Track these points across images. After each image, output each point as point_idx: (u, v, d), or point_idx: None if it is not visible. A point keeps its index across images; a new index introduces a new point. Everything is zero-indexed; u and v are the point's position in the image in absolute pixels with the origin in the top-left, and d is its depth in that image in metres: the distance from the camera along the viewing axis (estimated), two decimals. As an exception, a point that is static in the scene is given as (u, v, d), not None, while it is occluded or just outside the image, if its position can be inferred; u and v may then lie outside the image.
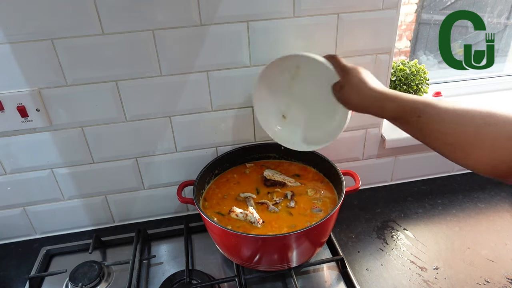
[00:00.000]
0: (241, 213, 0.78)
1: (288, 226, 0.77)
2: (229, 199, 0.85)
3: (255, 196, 0.85)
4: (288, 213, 0.80)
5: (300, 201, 0.83)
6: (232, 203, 0.84)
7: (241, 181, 0.91)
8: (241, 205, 0.82)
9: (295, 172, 0.93)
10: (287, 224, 0.77)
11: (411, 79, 0.99)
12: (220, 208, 0.83)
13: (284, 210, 0.81)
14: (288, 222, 0.78)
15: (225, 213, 0.80)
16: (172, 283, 0.81)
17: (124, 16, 0.74)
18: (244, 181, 0.91)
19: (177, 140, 0.92)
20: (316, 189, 0.86)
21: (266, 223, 0.77)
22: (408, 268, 0.84)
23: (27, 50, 0.74)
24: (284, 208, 0.81)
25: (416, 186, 1.11)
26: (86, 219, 1.00)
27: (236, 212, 0.78)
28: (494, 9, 1.18)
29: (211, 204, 0.85)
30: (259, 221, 0.77)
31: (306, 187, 0.87)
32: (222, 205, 0.84)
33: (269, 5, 0.78)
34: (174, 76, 0.83)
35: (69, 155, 0.88)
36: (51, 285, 0.85)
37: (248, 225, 0.77)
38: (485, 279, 0.80)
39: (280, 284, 0.81)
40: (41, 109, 0.80)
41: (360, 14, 0.83)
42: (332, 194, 0.85)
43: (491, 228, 0.93)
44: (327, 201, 0.83)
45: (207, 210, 0.83)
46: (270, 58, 0.74)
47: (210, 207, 0.84)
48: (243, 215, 0.78)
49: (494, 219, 0.96)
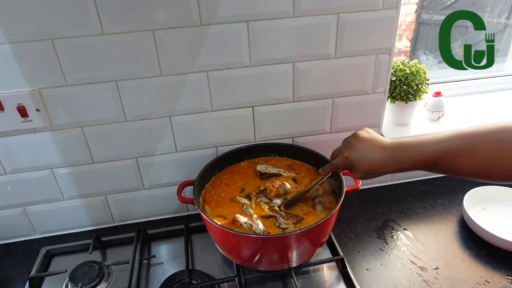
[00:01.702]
0: (246, 222, 0.75)
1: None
2: (225, 200, 0.84)
3: (249, 202, 0.82)
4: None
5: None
6: (229, 204, 0.83)
7: (231, 182, 0.90)
8: (238, 207, 0.81)
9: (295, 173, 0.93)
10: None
11: (411, 79, 0.99)
12: (221, 211, 0.81)
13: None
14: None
15: (228, 216, 0.79)
16: (172, 283, 0.81)
17: (124, 16, 0.74)
18: (235, 181, 0.90)
19: (177, 140, 0.92)
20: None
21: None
22: (408, 268, 0.84)
23: (27, 50, 0.74)
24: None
25: (416, 186, 1.11)
26: (86, 219, 1.00)
27: (241, 222, 0.75)
28: (494, 9, 1.18)
29: (210, 207, 0.84)
30: (264, 233, 0.74)
31: (302, 177, 0.88)
32: (223, 208, 0.82)
33: (269, 5, 0.78)
34: (174, 76, 0.83)
35: (69, 155, 0.88)
36: (51, 285, 0.85)
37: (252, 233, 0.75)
38: (485, 279, 0.80)
39: (280, 284, 0.81)
40: (41, 109, 0.80)
41: (360, 14, 0.83)
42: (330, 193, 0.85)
43: (491, 228, 0.93)
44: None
45: (208, 213, 0.81)
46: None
47: (210, 210, 0.83)
48: (248, 225, 0.75)
49: (494, 219, 0.96)
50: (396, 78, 1.00)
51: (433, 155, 0.58)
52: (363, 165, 0.65)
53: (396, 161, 0.62)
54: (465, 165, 0.56)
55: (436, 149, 0.58)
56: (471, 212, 0.92)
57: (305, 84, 0.90)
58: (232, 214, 0.79)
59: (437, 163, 0.58)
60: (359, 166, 0.65)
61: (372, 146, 0.64)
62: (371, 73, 0.91)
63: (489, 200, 0.98)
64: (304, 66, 0.87)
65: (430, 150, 0.58)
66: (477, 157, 0.55)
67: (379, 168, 0.63)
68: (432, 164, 0.59)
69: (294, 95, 0.91)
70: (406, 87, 0.99)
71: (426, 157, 0.59)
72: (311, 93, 0.92)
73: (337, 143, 0.73)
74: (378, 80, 0.93)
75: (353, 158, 0.66)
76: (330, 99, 0.93)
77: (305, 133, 0.98)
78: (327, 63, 0.88)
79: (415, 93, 1.00)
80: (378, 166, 0.63)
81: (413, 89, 1.00)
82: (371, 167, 0.64)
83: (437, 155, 0.58)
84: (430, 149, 0.58)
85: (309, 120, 0.96)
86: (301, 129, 0.97)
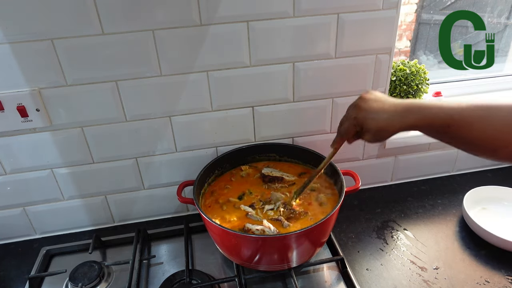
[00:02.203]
0: (258, 230, 0.74)
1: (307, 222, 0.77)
2: (229, 207, 0.84)
3: (253, 211, 0.81)
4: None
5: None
6: (233, 211, 0.82)
7: (233, 185, 0.90)
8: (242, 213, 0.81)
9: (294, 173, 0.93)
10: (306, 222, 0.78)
11: (411, 79, 0.99)
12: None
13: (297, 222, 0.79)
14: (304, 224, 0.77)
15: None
16: (172, 283, 0.81)
17: (124, 16, 0.74)
18: (238, 185, 0.90)
19: (177, 140, 0.92)
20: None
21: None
22: (408, 268, 0.84)
23: (27, 50, 0.74)
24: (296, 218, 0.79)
25: (416, 186, 1.11)
26: (86, 219, 1.00)
27: (253, 230, 0.74)
28: (494, 9, 1.18)
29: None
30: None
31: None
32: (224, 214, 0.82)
33: (269, 5, 0.78)
34: (174, 76, 0.83)
35: (69, 155, 0.88)
36: (51, 285, 0.85)
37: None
38: (485, 279, 0.80)
39: (280, 284, 0.81)
40: (41, 109, 0.80)
41: (360, 14, 0.83)
42: (332, 191, 0.85)
43: (491, 228, 0.93)
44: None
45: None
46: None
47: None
48: (260, 231, 0.74)
49: (494, 219, 0.96)
50: (396, 78, 1.00)
51: (449, 117, 0.56)
52: (373, 123, 0.61)
53: (409, 118, 0.58)
54: (477, 134, 0.55)
55: (451, 113, 0.56)
56: (471, 212, 0.92)
57: (305, 84, 0.90)
58: (237, 221, 0.79)
59: (451, 126, 0.56)
60: (370, 125, 0.62)
61: (381, 104, 0.61)
62: (371, 73, 0.91)
63: (489, 200, 0.98)
64: (304, 66, 0.87)
65: (445, 112, 0.56)
66: (490, 128, 0.54)
67: (390, 126, 0.60)
68: (446, 126, 0.56)
69: (294, 95, 0.91)
70: (406, 87, 0.99)
71: (440, 119, 0.56)
72: (311, 93, 0.92)
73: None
74: (378, 80, 0.93)
75: (362, 118, 0.63)
76: (330, 99, 0.93)
77: (305, 133, 0.98)
78: (327, 63, 0.88)
79: (415, 93, 1.00)
80: (390, 123, 0.60)
81: (413, 89, 1.00)
82: (383, 124, 0.60)
83: (452, 117, 0.55)
84: (445, 112, 0.56)
85: (309, 120, 0.96)
86: (301, 129, 0.97)
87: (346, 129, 0.66)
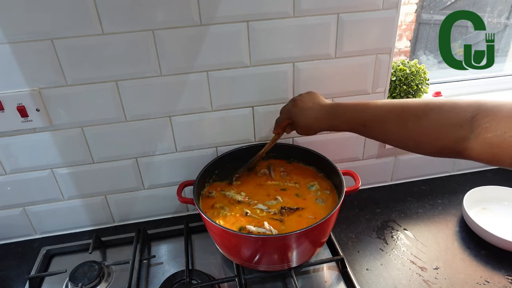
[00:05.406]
0: (259, 232, 0.74)
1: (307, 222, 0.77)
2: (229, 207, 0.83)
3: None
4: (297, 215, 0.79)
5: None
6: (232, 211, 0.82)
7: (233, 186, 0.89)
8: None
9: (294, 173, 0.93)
10: (306, 222, 0.77)
11: (411, 79, 0.99)
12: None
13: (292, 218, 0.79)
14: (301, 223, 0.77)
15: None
16: (172, 283, 0.81)
17: (124, 16, 0.74)
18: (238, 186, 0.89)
19: (177, 140, 0.92)
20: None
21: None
22: (408, 268, 0.84)
23: (27, 50, 0.74)
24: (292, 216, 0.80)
25: (416, 186, 1.11)
26: (86, 219, 1.00)
27: (254, 232, 0.74)
28: (494, 9, 1.18)
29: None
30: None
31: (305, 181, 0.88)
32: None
33: (269, 5, 0.78)
34: (174, 76, 0.83)
35: (69, 155, 0.88)
36: (51, 285, 0.85)
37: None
38: (485, 279, 0.80)
39: (280, 284, 0.81)
40: (41, 109, 0.80)
41: (360, 14, 0.83)
42: (332, 192, 0.85)
43: (491, 228, 0.93)
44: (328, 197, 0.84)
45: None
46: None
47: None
48: (262, 233, 0.74)
49: (494, 219, 0.96)
50: (396, 78, 1.00)
51: (363, 117, 0.63)
52: (302, 119, 0.72)
53: (330, 119, 0.68)
54: (394, 131, 0.59)
55: (367, 113, 0.63)
56: (471, 212, 0.92)
57: (305, 84, 0.90)
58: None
59: (365, 124, 0.63)
60: (299, 120, 0.73)
61: (311, 104, 0.71)
62: (371, 73, 0.91)
63: (489, 200, 0.98)
64: (304, 66, 0.87)
65: (362, 112, 0.63)
66: (404, 126, 0.58)
67: (314, 123, 0.70)
68: (361, 125, 0.63)
69: (294, 95, 0.91)
70: (406, 87, 0.99)
71: (356, 118, 0.64)
72: (311, 93, 0.92)
73: (337, 143, 0.73)
74: (378, 80, 0.93)
75: (294, 113, 0.73)
76: (330, 99, 0.93)
77: (305, 133, 0.98)
78: (327, 63, 0.88)
79: (415, 93, 1.00)
80: (314, 121, 0.70)
81: (413, 89, 1.00)
82: (308, 121, 0.71)
83: (366, 117, 0.62)
84: (362, 112, 0.63)
85: (309, 120, 0.96)
86: (301, 129, 0.97)
87: (280, 119, 0.78)
